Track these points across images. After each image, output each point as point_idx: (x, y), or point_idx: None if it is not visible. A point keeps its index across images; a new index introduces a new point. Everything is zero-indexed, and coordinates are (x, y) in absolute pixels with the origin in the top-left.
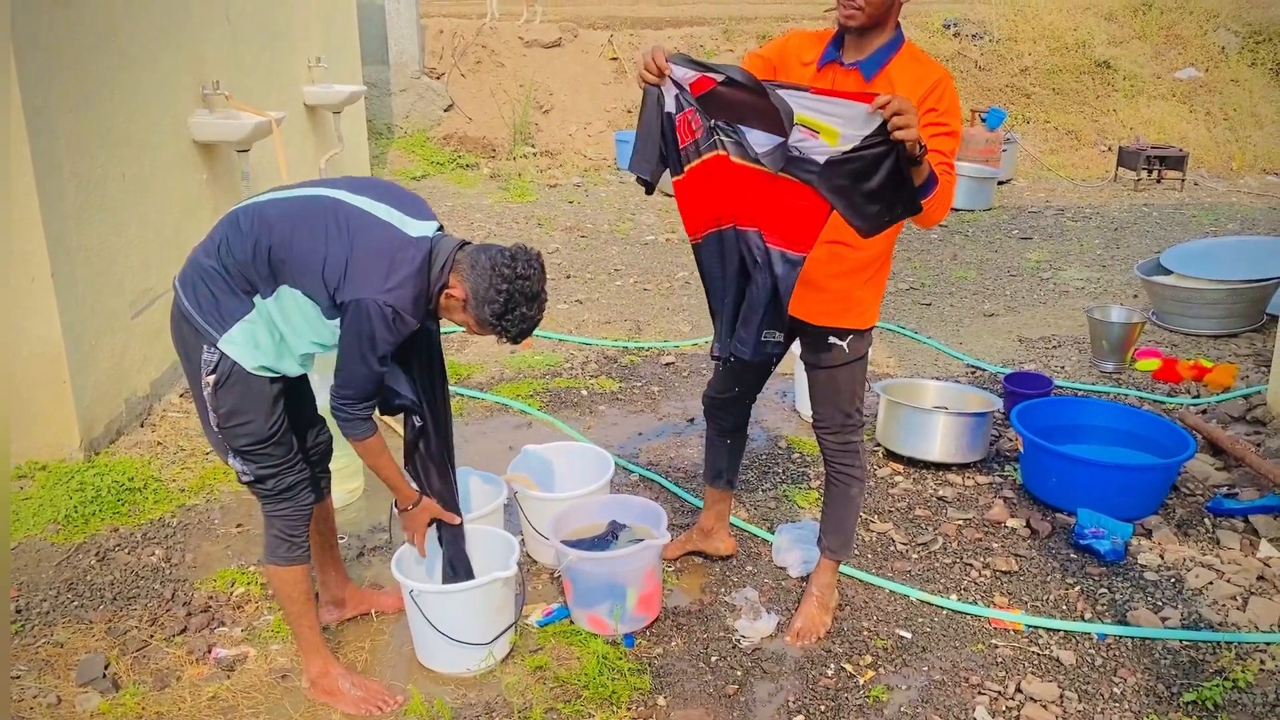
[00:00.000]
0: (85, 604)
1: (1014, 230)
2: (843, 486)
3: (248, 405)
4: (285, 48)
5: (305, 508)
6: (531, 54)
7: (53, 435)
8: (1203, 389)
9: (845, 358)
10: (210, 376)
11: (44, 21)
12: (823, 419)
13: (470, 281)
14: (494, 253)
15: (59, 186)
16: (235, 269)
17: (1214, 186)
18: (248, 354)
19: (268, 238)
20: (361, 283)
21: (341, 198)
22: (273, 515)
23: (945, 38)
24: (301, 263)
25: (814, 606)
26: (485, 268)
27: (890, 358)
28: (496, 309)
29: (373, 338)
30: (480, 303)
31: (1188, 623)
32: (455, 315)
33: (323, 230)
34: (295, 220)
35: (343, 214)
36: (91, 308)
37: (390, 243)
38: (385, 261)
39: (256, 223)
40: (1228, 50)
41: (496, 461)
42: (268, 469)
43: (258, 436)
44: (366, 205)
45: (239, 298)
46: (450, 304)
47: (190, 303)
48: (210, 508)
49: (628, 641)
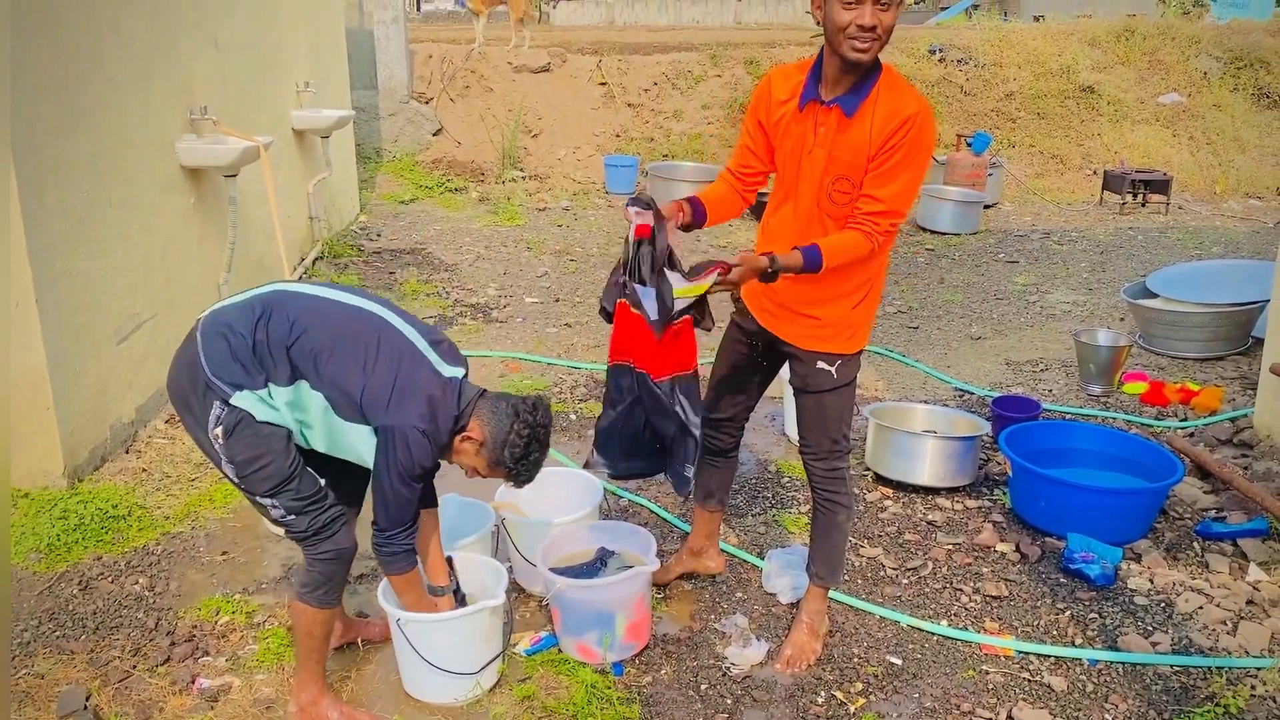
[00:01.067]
0: (67, 634)
1: (1000, 254)
2: (829, 514)
3: (263, 448)
4: (273, 73)
5: (347, 550)
6: (520, 79)
7: (35, 462)
8: (1190, 412)
9: (834, 382)
10: (218, 429)
11: (29, 46)
12: (810, 445)
13: (490, 426)
14: (514, 401)
15: (44, 212)
16: (264, 350)
17: (1198, 210)
18: (258, 408)
19: (313, 343)
20: (402, 412)
21: (388, 319)
22: (313, 558)
23: (930, 63)
24: (342, 378)
25: (804, 634)
26: (507, 414)
27: (879, 381)
28: (517, 453)
29: (413, 459)
30: (499, 446)
31: (1178, 648)
32: (466, 458)
33: (374, 357)
34: (346, 336)
35: (388, 338)
36: (76, 333)
37: (431, 381)
38: (425, 398)
39: (307, 318)
40: (1210, 76)
41: (484, 487)
42: (297, 503)
43: (279, 477)
44: (411, 335)
45: (256, 374)
46: (465, 447)
47: (208, 360)
48: (195, 535)
49: (617, 670)
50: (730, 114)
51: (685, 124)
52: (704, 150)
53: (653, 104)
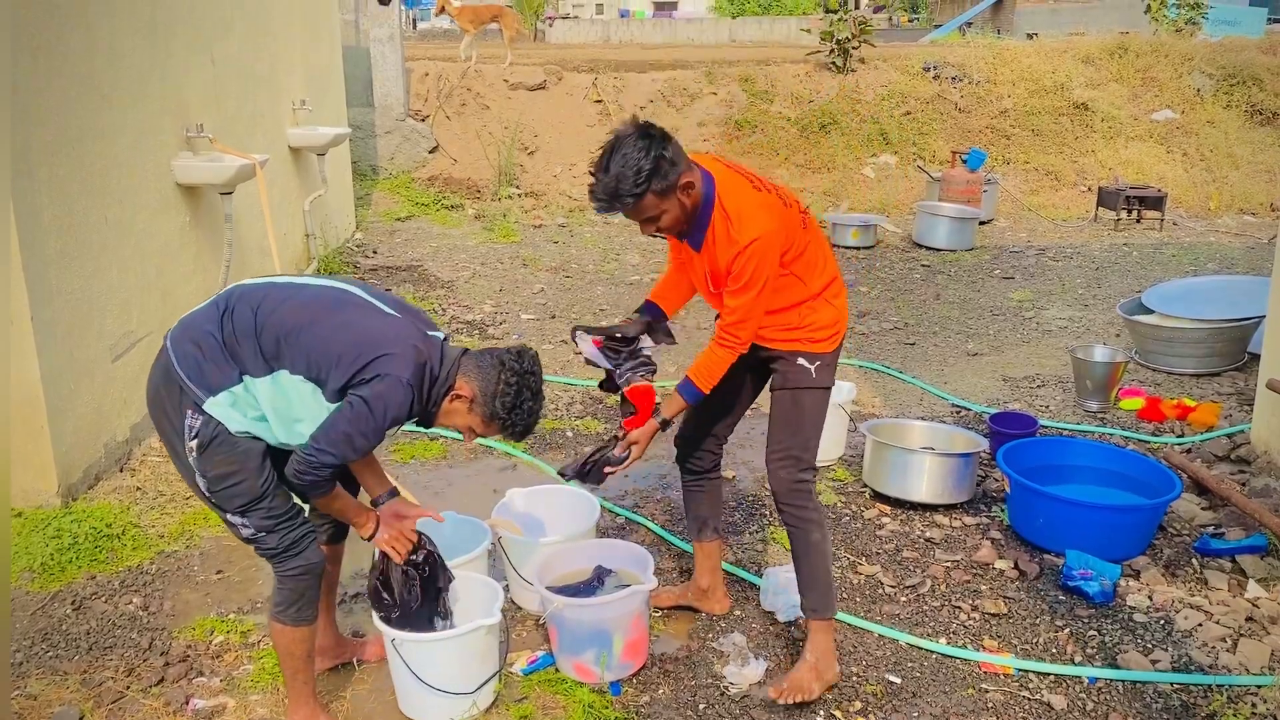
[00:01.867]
0: (60, 654)
1: (996, 270)
2: (801, 532)
3: (237, 465)
4: (270, 90)
5: (316, 565)
6: (516, 96)
7: (30, 481)
8: (1187, 428)
9: (812, 382)
10: (193, 441)
11: (25, 66)
12: (778, 445)
13: (478, 381)
14: (499, 352)
15: (39, 231)
16: (233, 341)
17: (1192, 226)
18: (232, 416)
19: (281, 320)
20: (387, 364)
21: (358, 293)
22: (283, 575)
23: (925, 80)
24: (318, 345)
25: (806, 672)
26: (492, 365)
27: (875, 397)
28: (508, 402)
29: (387, 411)
30: (490, 398)
31: (1178, 665)
32: (458, 418)
33: (346, 317)
34: (316, 307)
35: (363, 306)
36: (71, 352)
37: (413, 335)
38: (410, 349)
39: (270, 302)
40: (1203, 93)
41: (481, 505)
42: (268, 521)
43: (251, 495)
44: (381, 305)
45: (230, 367)
46: (455, 406)
47: (180, 362)
48: (190, 554)
49: (614, 689)
50: (726, 131)
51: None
52: None
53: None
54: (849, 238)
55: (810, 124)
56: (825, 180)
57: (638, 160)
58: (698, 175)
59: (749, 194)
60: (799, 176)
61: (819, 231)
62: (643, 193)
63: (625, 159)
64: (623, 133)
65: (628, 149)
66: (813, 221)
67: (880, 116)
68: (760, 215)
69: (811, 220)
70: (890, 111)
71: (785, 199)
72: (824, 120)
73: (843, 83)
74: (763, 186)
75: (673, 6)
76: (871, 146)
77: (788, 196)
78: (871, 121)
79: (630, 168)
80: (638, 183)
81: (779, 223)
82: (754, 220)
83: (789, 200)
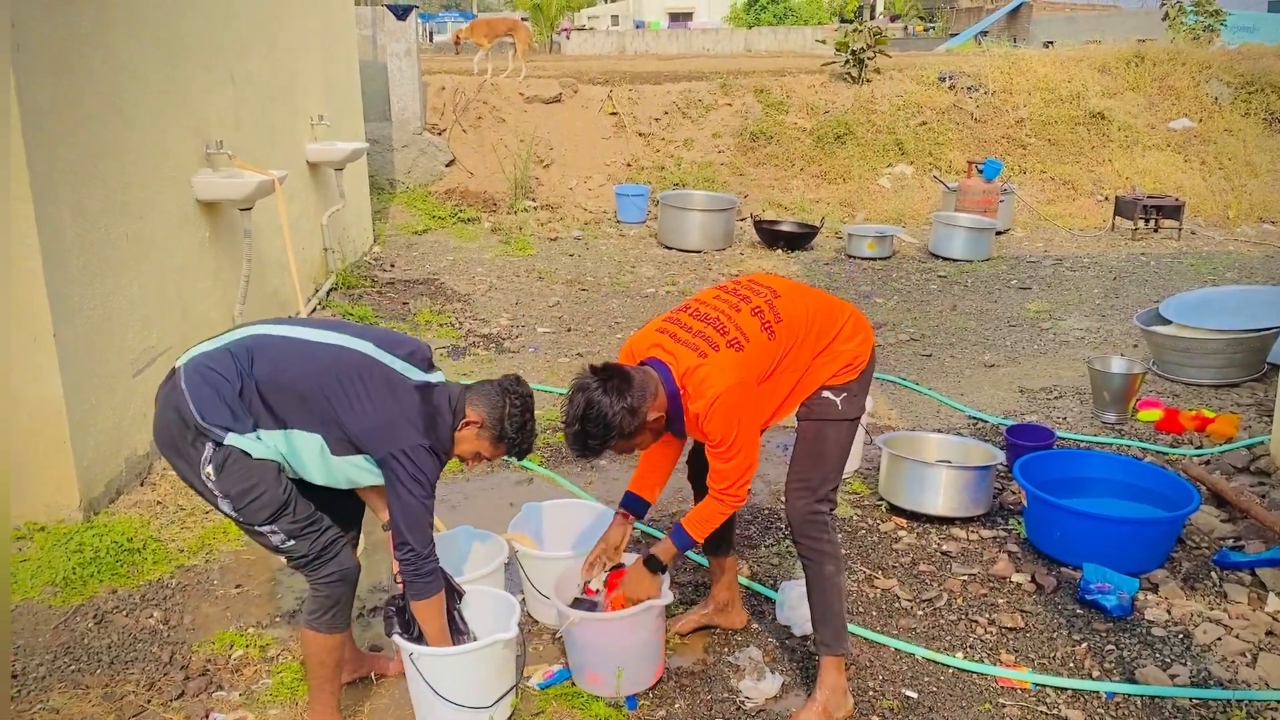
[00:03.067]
0: (82, 668)
1: (1013, 280)
2: (815, 565)
3: (256, 478)
4: (288, 106)
5: (351, 570)
6: (532, 109)
7: (51, 495)
8: (1205, 440)
9: (838, 414)
10: (209, 468)
11: (48, 87)
12: (797, 475)
13: (485, 407)
14: (496, 382)
15: (62, 248)
16: (250, 394)
17: (1211, 235)
18: (251, 445)
19: (300, 386)
20: (403, 437)
21: (370, 353)
22: (317, 583)
23: (940, 90)
24: (332, 417)
25: (813, 713)
26: (496, 393)
27: (892, 409)
28: (517, 422)
29: (424, 475)
30: (498, 422)
31: (1197, 680)
32: (467, 444)
33: (359, 392)
34: (334, 379)
35: (376, 373)
36: (93, 367)
37: (416, 397)
38: (417, 414)
39: (285, 363)
40: (1220, 101)
41: (497, 519)
42: (294, 526)
43: (275, 504)
44: (389, 361)
45: (245, 419)
46: (465, 433)
47: (196, 403)
48: (209, 568)
49: (630, 704)
50: (741, 143)
51: (696, 153)
52: (714, 179)
53: (663, 133)
54: (865, 249)
55: (825, 135)
56: (841, 191)
57: (601, 416)
58: (662, 398)
59: (700, 366)
60: (814, 188)
61: (801, 311)
62: (610, 444)
63: (589, 416)
64: (584, 384)
65: (591, 405)
66: (789, 314)
67: (896, 127)
68: (714, 378)
69: (783, 318)
70: (906, 121)
71: (735, 331)
72: (839, 131)
73: (858, 93)
74: (718, 345)
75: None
76: (887, 157)
77: (742, 325)
78: (887, 132)
79: (596, 424)
80: (606, 438)
81: (740, 372)
82: (709, 386)
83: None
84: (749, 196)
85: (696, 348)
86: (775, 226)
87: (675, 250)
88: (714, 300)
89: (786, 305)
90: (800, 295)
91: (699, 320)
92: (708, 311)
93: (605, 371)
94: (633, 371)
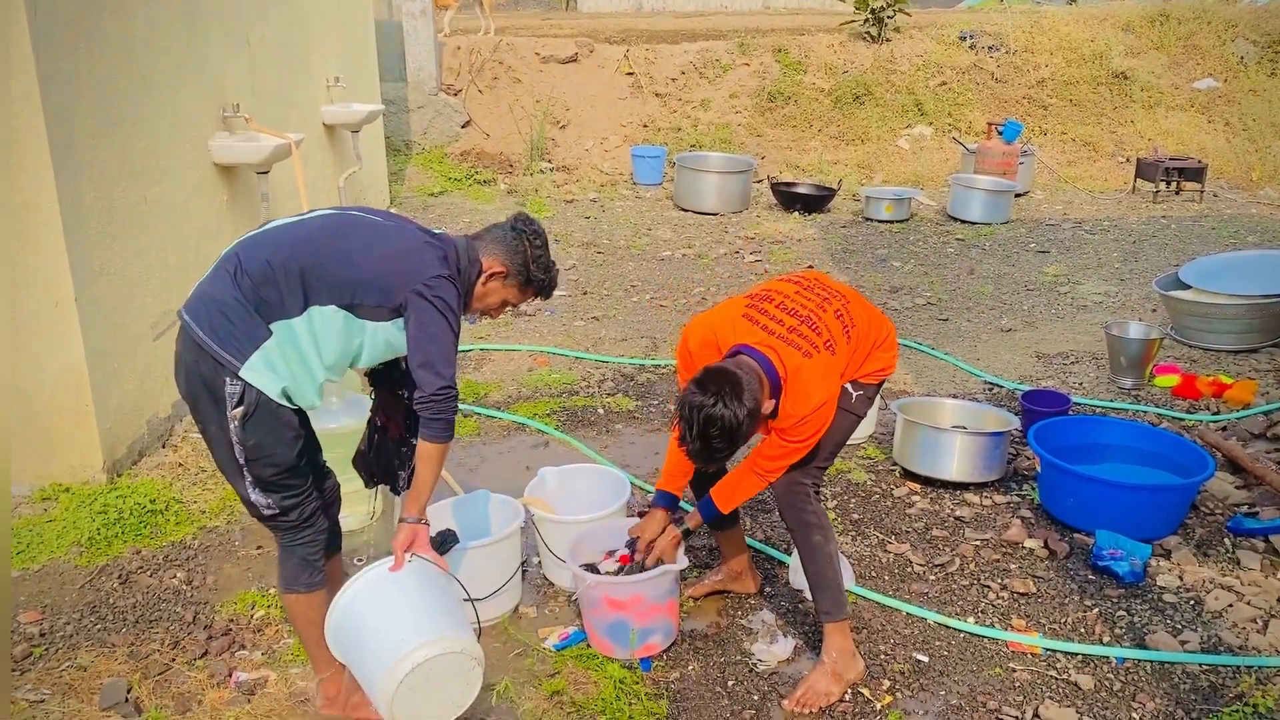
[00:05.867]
0: (108, 627)
1: (1031, 244)
2: (801, 535)
3: (275, 436)
4: (304, 69)
5: (323, 532)
6: (548, 70)
7: (76, 458)
8: (1222, 405)
9: (849, 404)
10: (238, 410)
11: (67, 54)
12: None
13: (504, 254)
14: (505, 225)
15: (82, 214)
16: (255, 294)
17: (1233, 198)
18: (270, 381)
19: (301, 258)
20: (414, 273)
21: (357, 214)
22: (294, 545)
23: (961, 49)
24: (343, 276)
25: (822, 676)
26: (510, 236)
27: (907, 374)
28: (541, 261)
29: (449, 306)
30: (524, 266)
31: (1207, 646)
32: (495, 297)
33: (358, 242)
34: (328, 238)
35: (370, 225)
36: (114, 331)
37: (422, 237)
38: (428, 250)
39: (283, 246)
40: (1246, 60)
41: (514, 483)
42: (291, 499)
43: (284, 465)
44: (383, 219)
45: (256, 323)
46: (492, 285)
47: (209, 335)
48: (231, 529)
49: (644, 665)
50: (759, 103)
51: (713, 113)
52: (732, 140)
53: (680, 93)
54: (883, 211)
55: (844, 95)
56: (859, 152)
57: (726, 430)
58: (766, 389)
59: (804, 366)
60: (833, 149)
61: (865, 322)
62: (736, 450)
63: (712, 433)
64: (696, 402)
65: (712, 421)
66: (860, 321)
67: (915, 87)
68: (819, 381)
69: (855, 323)
70: (925, 82)
71: (828, 333)
72: (858, 91)
73: (877, 53)
74: (817, 346)
75: None
76: (906, 118)
77: (830, 327)
78: (906, 92)
79: (722, 438)
80: (734, 446)
81: (836, 379)
82: (815, 389)
83: (832, 334)
84: (766, 158)
85: (800, 346)
86: (792, 188)
87: (691, 212)
88: (797, 295)
89: (857, 312)
90: (861, 304)
91: (789, 315)
92: (795, 307)
93: (713, 381)
94: (735, 370)
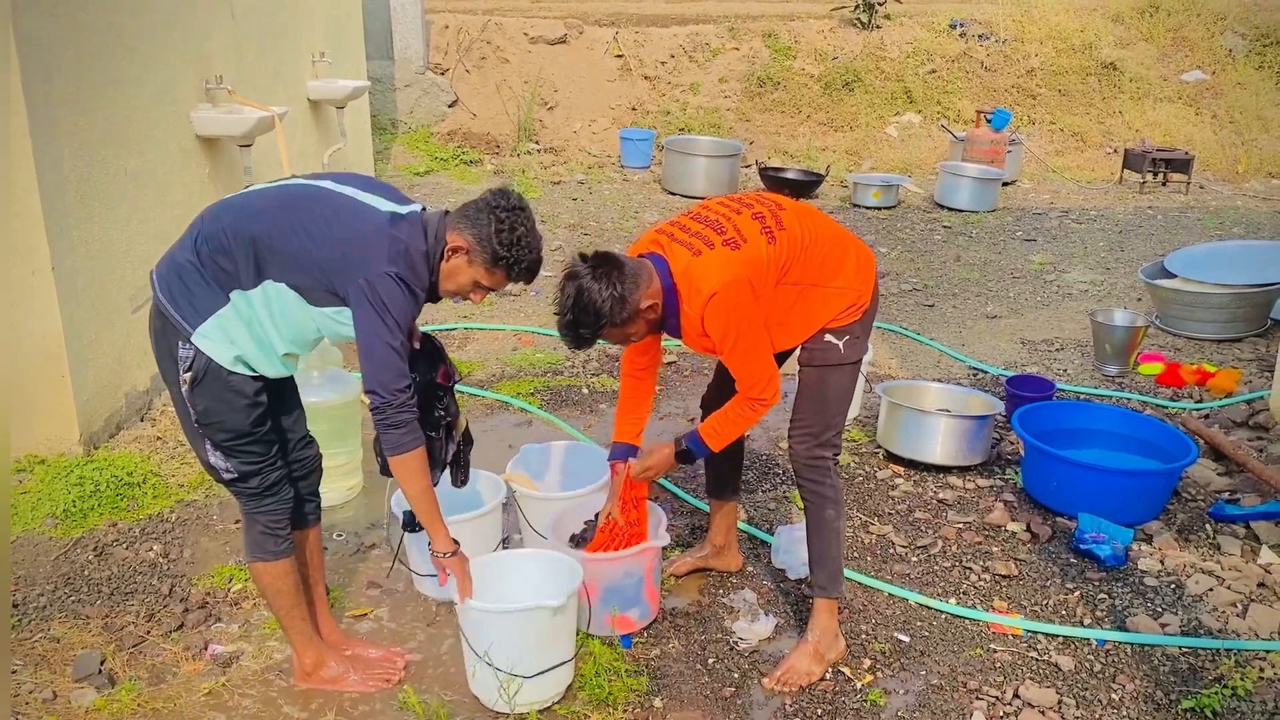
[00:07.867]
0: (82, 599)
1: (1018, 232)
2: (815, 508)
3: (224, 403)
4: (289, 42)
5: (288, 501)
6: (536, 50)
7: (52, 429)
8: (1206, 393)
9: (840, 358)
10: (187, 374)
11: (46, 18)
12: (800, 422)
13: (469, 229)
14: (480, 199)
15: (60, 181)
16: (211, 261)
17: (1219, 190)
18: (222, 349)
19: (252, 228)
20: (362, 264)
21: (326, 186)
22: (256, 513)
23: (951, 38)
24: (292, 252)
25: (804, 654)
26: (480, 210)
27: (892, 359)
28: (505, 238)
29: (387, 308)
30: (487, 241)
31: (1187, 629)
32: (460, 275)
33: (313, 218)
34: (283, 210)
35: (332, 201)
36: (92, 302)
37: (383, 222)
38: (383, 240)
39: (239, 214)
40: (1235, 53)
41: (496, 460)
42: (250, 464)
43: (237, 431)
44: (353, 193)
45: (213, 291)
46: (455, 262)
47: (166, 297)
48: (209, 503)
49: (625, 643)
50: (748, 88)
51: (702, 97)
52: (720, 124)
53: (669, 77)
54: (870, 198)
55: (834, 81)
56: (848, 139)
57: (592, 303)
58: (656, 287)
59: (694, 262)
60: (821, 135)
61: (807, 229)
62: (602, 331)
63: (580, 302)
64: (574, 271)
65: (582, 292)
66: (791, 225)
67: (905, 75)
68: (710, 273)
69: (786, 228)
70: (915, 70)
71: (733, 231)
72: (847, 78)
73: (867, 39)
74: (712, 244)
75: None
76: (895, 105)
77: (741, 226)
78: (895, 80)
79: (587, 311)
80: (598, 325)
81: (737, 269)
82: (705, 281)
83: (740, 232)
84: (755, 143)
85: (691, 246)
86: (780, 174)
87: (679, 196)
88: (716, 205)
89: (790, 218)
90: (808, 215)
91: (697, 222)
92: (707, 215)
93: (596, 259)
94: (625, 260)
